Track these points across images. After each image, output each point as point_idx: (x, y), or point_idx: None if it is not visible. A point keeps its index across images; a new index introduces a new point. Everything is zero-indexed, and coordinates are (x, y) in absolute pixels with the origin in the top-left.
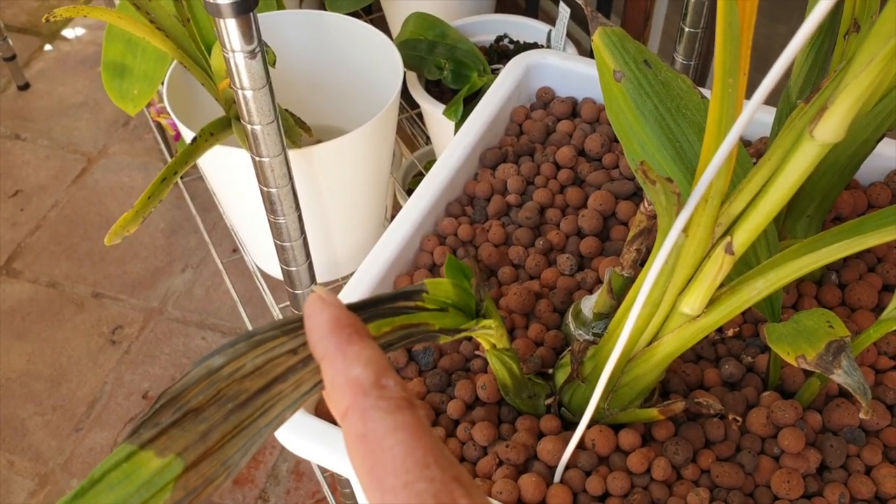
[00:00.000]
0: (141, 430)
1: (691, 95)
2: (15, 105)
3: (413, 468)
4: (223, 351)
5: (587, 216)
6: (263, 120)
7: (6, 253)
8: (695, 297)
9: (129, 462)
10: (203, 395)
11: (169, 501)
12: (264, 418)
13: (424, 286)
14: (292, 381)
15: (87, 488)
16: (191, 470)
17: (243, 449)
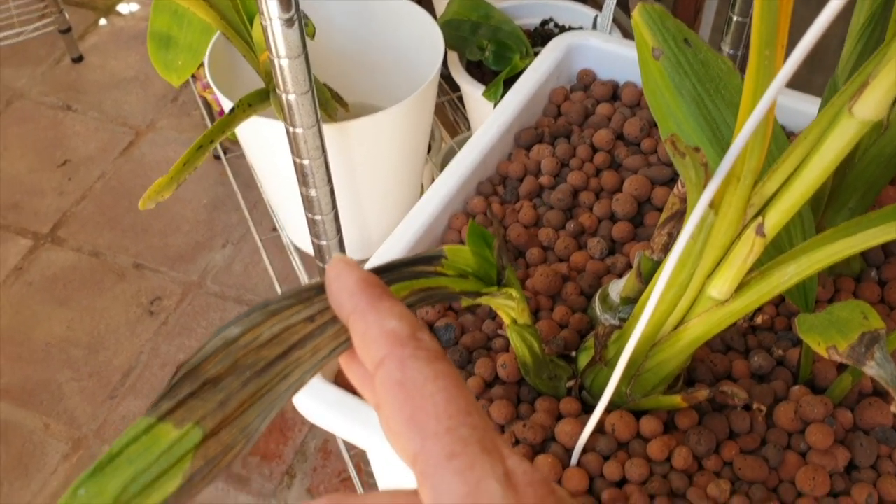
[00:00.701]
0: (160, 403)
1: (731, 77)
2: (68, 77)
3: (455, 414)
4: (239, 321)
5: (621, 200)
6: (298, 89)
7: (52, 221)
8: (723, 281)
9: (148, 435)
10: (221, 366)
11: (189, 471)
12: (283, 384)
13: (443, 252)
14: (310, 348)
15: (105, 463)
16: (210, 439)
17: (262, 415)
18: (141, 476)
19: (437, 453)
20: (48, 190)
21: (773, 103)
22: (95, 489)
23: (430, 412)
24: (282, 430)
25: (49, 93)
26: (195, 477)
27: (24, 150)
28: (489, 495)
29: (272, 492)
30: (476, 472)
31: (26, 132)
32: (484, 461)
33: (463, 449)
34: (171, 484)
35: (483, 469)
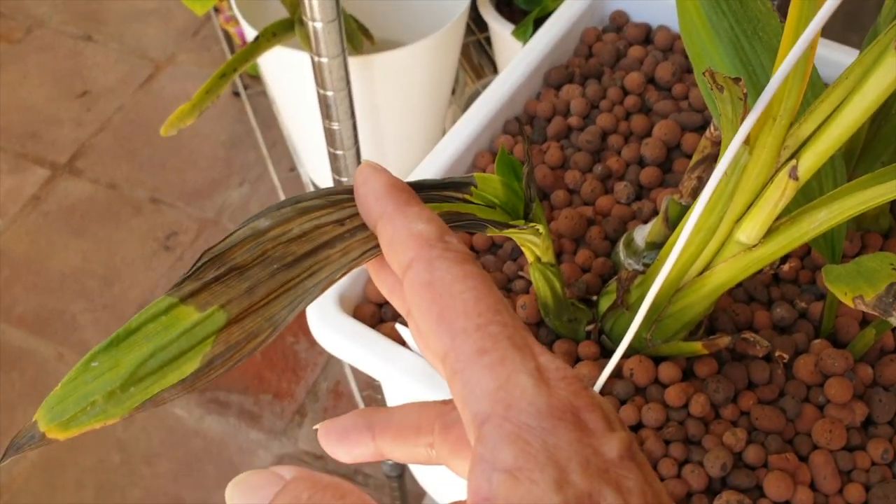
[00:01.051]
0: (179, 285)
1: (770, 18)
2: (89, 7)
3: (485, 312)
4: (269, 214)
5: (651, 145)
6: (325, 17)
7: (70, 151)
8: (753, 225)
9: (168, 315)
10: (248, 255)
11: (209, 354)
12: (311, 279)
13: (473, 179)
14: (339, 248)
15: (122, 337)
16: (234, 324)
17: (290, 307)
18: (158, 353)
19: (467, 350)
20: (66, 120)
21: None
22: (110, 362)
23: (460, 310)
24: (294, 370)
25: (69, 22)
26: (215, 361)
27: (44, 79)
28: (521, 389)
29: (283, 430)
30: (507, 366)
31: (46, 61)
32: (515, 356)
33: (493, 345)
34: (190, 365)
35: (514, 364)
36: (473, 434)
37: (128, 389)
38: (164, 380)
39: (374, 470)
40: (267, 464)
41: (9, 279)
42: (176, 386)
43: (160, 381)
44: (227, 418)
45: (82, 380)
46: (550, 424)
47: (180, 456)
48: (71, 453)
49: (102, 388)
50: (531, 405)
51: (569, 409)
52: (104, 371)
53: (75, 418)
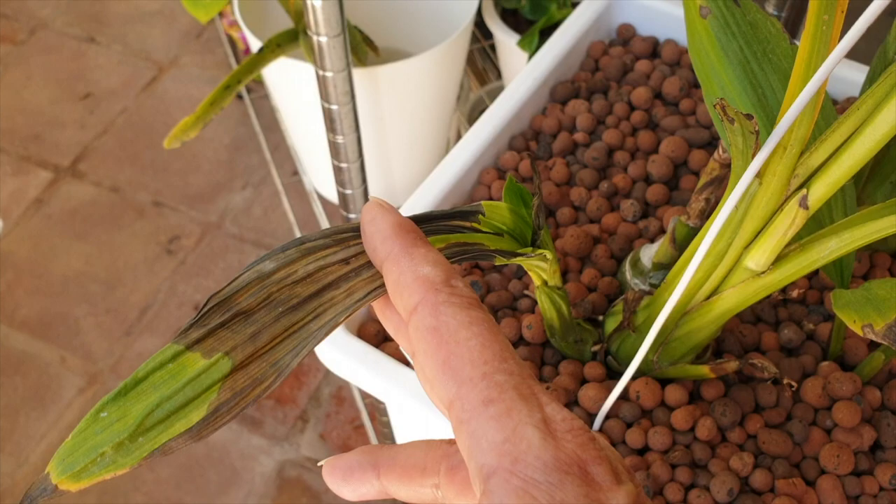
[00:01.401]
0: (186, 332)
1: (780, 40)
2: (92, 8)
3: (491, 360)
4: (274, 256)
5: (657, 162)
6: (330, 32)
7: (73, 154)
8: (762, 252)
9: (175, 363)
10: (253, 299)
11: (215, 402)
12: (315, 322)
13: (481, 207)
14: (345, 289)
15: (130, 387)
16: (239, 371)
17: (294, 351)
18: (165, 403)
19: (473, 399)
20: (69, 122)
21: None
22: (118, 412)
23: (465, 358)
24: (296, 375)
25: (73, 23)
26: (221, 408)
27: (47, 81)
28: (527, 442)
29: (285, 435)
30: (513, 418)
31: (49, 63)
32: (521, 407)
33: (499, 395)
34: (196, 413)
35: (520, 415)
36: (479, 487)
37: (136, 440)
38: (171, 429)
39: None
40: (269, 470)
41: (11, 282)
42: (183, 435)
43: (167, 430)
44: (229, 424)
45: (92, 431)
46: (557, 479)
47: (182, 461)
48: None
49: (111, 440)
50: (538, 459)
51: (576, 462)
52: (113, 422)
53: (86, 469)
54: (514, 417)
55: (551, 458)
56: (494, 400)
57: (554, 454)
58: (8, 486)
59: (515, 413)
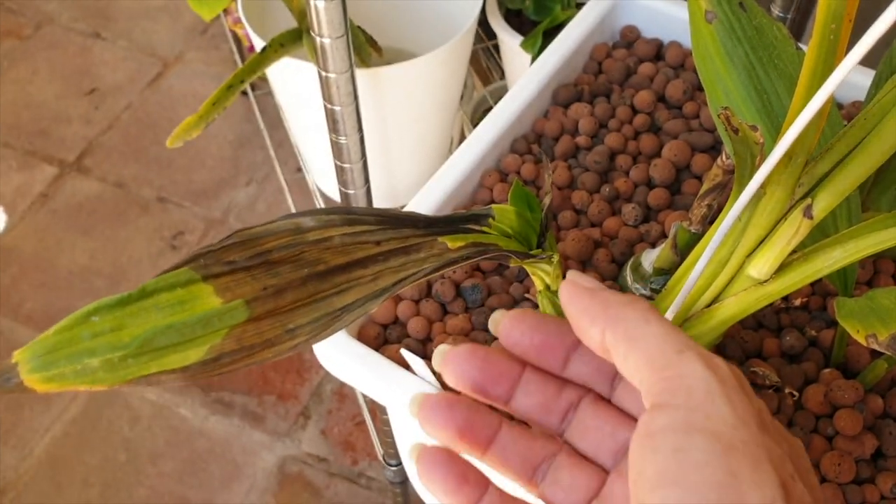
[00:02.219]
0: (203, 260)
1: (786, 46)
2: (98, 3)
3: None
4: (316, 214)
5: (659, 166)
6: (333, 33)
7: (78, 149)
8: (765, 261)
9: (186, 289)
10: (284, 252)
11: (218, 348)
12: (339, 299)
13: (492, 211)
14: (372, 272)
15: (134, 298)
16: (251, 323)
17: (314, 324)
18: (166, 330)
19: None
20: (75, 118)
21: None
22: (113, 322)
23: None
24: (298, 372)
25: (79, 19)
26: (222, 358)
27: (53, 76)
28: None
29: (286, 431)
30: None
31: (55, 58)
32: None
33: None
34: (195, 353)
35: None
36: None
37: (126, 360)
38: (164, 360)
39: (378, 474)
40: (270, 466)
41: (16, 277)
42: (176, 372)
43: (160, 360)
44: (232, 419)
45: (79, 334)
46: None
47: (185, 456)
48: (77, 452)
49: (101, 353)
50: None
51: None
52: (105, 331)
53: (62, 374)
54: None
55: None
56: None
57: None
58: (12, 478)
59: None
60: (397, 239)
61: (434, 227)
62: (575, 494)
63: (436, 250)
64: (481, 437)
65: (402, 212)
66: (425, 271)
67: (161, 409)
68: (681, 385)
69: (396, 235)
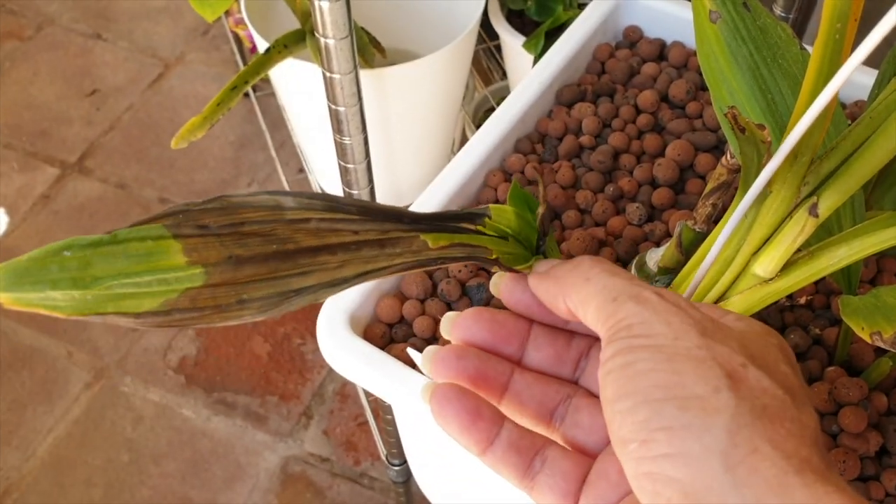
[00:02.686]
0: (180, 216)
1: (790, 45)
2: (99, 4)
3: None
4: (298, 196)
5: (663, 165)
6: (337, 34)
7: (79, 150)
8: (770, 259)
9: (156, 242)
10: (258, 226)
11: (170, 304)
12: (297, 280)
13: (488, 210)
14: (339, 259)
15: (105, 242)
16: (207, 288)
17: (265, 300)
18: (126, 278)
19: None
20: (76, 119)
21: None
22: (82, 261)
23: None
24: (301, 372)
25: (79, 20)
26: (174, 313)
27: (54, 78)
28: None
29: (289, 431)
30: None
31: (56, 59)
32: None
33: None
34: (149, 303)
35: None
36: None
37: (85, 297)
38: (120, 303)
39: (380, 474)
40: (273, 466)
41: None
42: (128, 315)
43: (116, 302)
44: (234, 419)
45: (49, 263)
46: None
47: (188, 456)
48: (80, 452)
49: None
50: None
51: None
52: (73, 268)
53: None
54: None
55: None
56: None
57: None
58: (16, 479)
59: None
60: (377, 231)
61: (418, 224)
62: (596, 434)
63: (414, 247)
64: (495, 384)
65: (390, 206)
66: (396, 267)
67: (164, 409)
68: (622, 324)
69: (377, 228)
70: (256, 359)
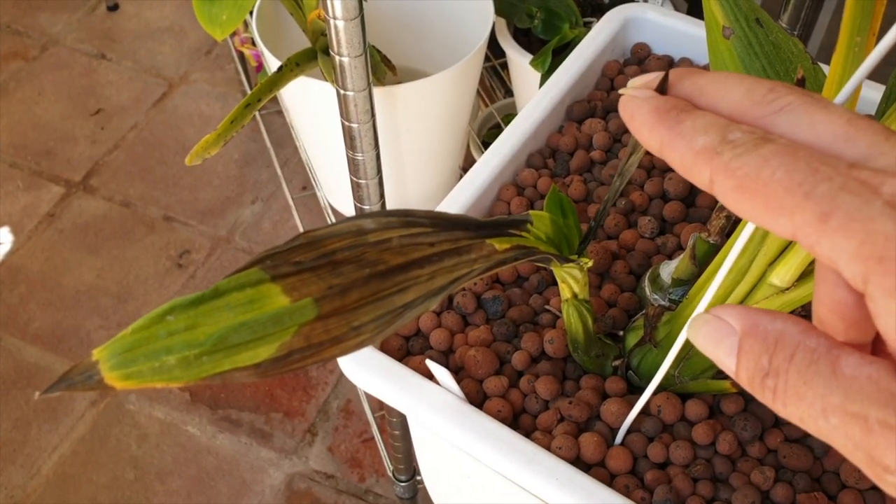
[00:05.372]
0: (270, 261)
1: (802, 60)
2: (103, 25)
3: (803, 179)
4: (376, 217)
5: (674, 179)
6: (352, 52)
7: (84, 169)
8: (787, 269)
9: (255, 289)
10: (347, 252)
11: (288, 345)
12: (399, 297)
13: (530, 217)
14: (428, 271)
15: (207, 298)
16: (319, 321)
17: (377, 321)
18: (238, 329)
19: (810, 222)
20: (81, 138)
21: (859, 91)
22: (187, 321)
23: (780, 192)
24: (305, 389)
25: (84, 40)
26: (293, 354)
27: (59, 97)
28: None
29: (294, 448)
30: (856, 218)
31: (61, 79)
32: (857, 204)
33: (831, 205)
34: (265, 350)
35: (862, 212)
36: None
37: (201, 358)
38: (236, 357)
39: (385, 490)
40: (278, 483)
41: (24, 296)
42: (248, 368)
43: (232, 357)
44: (239, 437)
45: (156, 332)
46: None
47: (193, 473)
48: (85, 470)
49: (177, 351)
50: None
51: None
52: (179, 330)
53: (140, 373)
54: (857, 217)
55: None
56: (829, 213)
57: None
58: (20, 497)
59: (856, 212)
60: (449, 241)
61: (482, 231)
62: None
63: (485, 252)
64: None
65: (454, 215)
66: (477, 271)
67: (169, 426)
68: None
69: (448, 237)
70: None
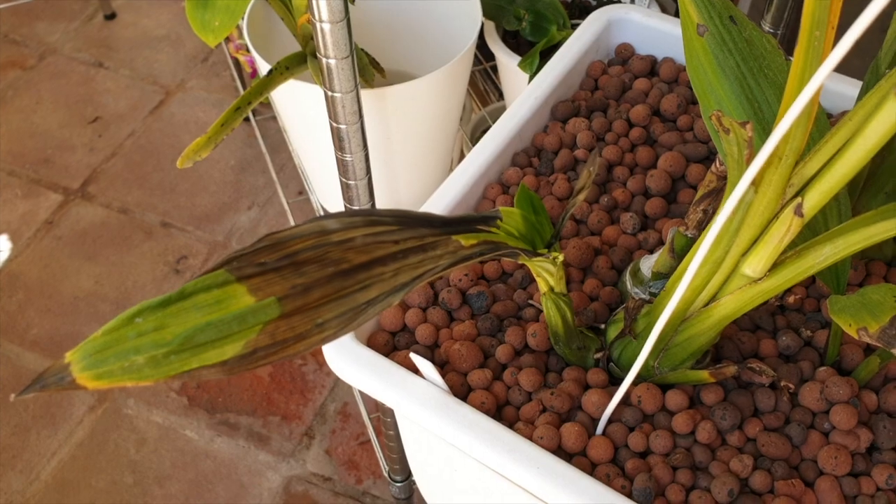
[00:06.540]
0: (236, 262)
1: (775, 56)
2: (100, 34)
3: None
4: (339, 217)
5: (655, 176)
6: (339, 54)
7: (82, 177)
8: (758, 259)
9: (222, 290)
10: (310, 252)
11: (253, 343)
12: (363, 294)
13: (499, 213)
14: (392, 268)
15: (174, 300)
16: (283, 319)
17: (341, 318)
18: (205, 329)
19: None
20: (79, 146)
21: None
22: (156, 322)
23: None
24: (302, 392)
25: (81, 49)
26: (258, 352)
27: (56, 105)
28: None
29: (291, 452)
30: None
31: (58, 87)
32: None
33: None
34: (231, 349)
35: None
36: None
37: (169, 357)
38: (204, 356)
39: (383, 492)
40: (276, 486)
41: (23, 303)
42: (216, 366)
43: (200, 356)
44: (237, 440)
45: (125, 333)
46: None
47: (191, 477)
48: (84, 475)
49: (146, 350)
50: None
51: None
52: (148, 330)
53: (111, 372)
54: None
55: None
56: None
57: None
58: (20, 502)
59: None
60: (415, 238)
61: (448, 227)
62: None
63: (451, 248)
64: None
65: (420, 213)
66: (441, 267)
67: (167, 431)
68: None
69: (414, 234)
70: (258, 380)
